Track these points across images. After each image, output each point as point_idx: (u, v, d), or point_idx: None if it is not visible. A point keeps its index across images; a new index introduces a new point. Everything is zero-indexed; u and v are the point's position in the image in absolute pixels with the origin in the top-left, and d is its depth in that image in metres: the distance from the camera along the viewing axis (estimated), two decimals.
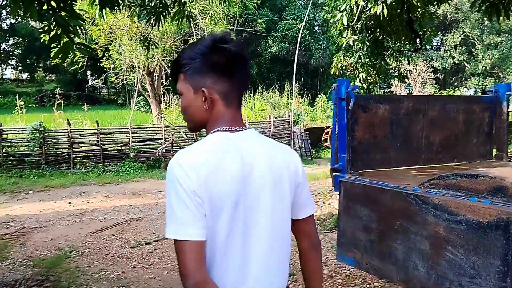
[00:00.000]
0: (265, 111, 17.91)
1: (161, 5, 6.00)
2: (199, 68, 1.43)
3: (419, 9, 7.27)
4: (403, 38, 7.64)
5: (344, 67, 8.85)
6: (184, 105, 1.49)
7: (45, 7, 3.88)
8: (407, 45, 8.27)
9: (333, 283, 4.62)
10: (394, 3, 6.48)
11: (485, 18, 6.44)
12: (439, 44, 34.35)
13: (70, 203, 8.56)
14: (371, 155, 3.86)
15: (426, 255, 2.87)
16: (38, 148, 11.72)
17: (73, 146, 12.20)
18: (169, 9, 6.14)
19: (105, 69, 20.39)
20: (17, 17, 34.45)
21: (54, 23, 3.75)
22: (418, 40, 8.06)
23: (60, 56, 4.08)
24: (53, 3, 3.88)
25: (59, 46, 4.09)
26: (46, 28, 3.92)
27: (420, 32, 7.83)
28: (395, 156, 3.95)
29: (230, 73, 1.44)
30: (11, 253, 5.76)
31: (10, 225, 7.06)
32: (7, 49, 41.15)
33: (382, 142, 3.86)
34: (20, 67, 42.87)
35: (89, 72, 35.61)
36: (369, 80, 8.31)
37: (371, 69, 8.30)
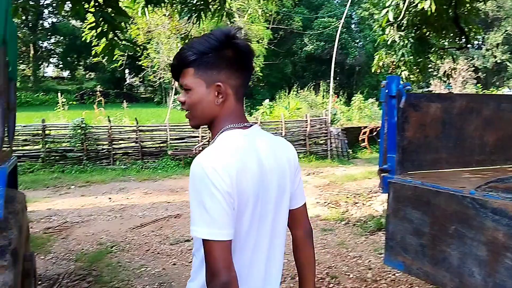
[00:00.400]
0: (300, 110, 17.77)
1: (202, 2, 6.00)
2: (213, 63, 1.42)
3: (467, 5, 7.02)
4: (449, 35, 7.40)
5: (385, 65, 8.64)
6: (193, 100, 1.45)
7: (92, 4, 3.91)
8: (452, 43, 8.02)
9: (377, 287, 4.49)
10: None
11: None
12: (480, 42, 33.35)
13: (110, 198, 8.69)
14: (422, 155, 3.70)
15: (484, 261, 2.72)
16: (80, 144, 11.98)
17: (113, 142, 12.42)
18: (210, 6, 6.13)
19: (143, 67, 20.71)
20: (59, 16, 35.43)
21: (101, 19, 3.78)
22: (463, 38, 7.80)
23: (105, 52, 4.10)
24: (100, 0, 3.92)
25: (105, 43, 4.12)
26: (93, 24, 3.96)
27: (465, 29, 7.58)
28: (446, 157, 3.78)
29: (242, 69, 1.46)
30: (54, 247, 5.87)
31: (52, 219, 7.21)
32: (49, 48, 42.36)
33: (433, 142, 3.70)
34: (61, 65, 44.10)
35: (127, 71, 36.26)
36: (411, 79, 8.09)
37: (414, 67, 8.07)
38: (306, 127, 14.32)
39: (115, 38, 3.91)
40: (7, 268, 2.04)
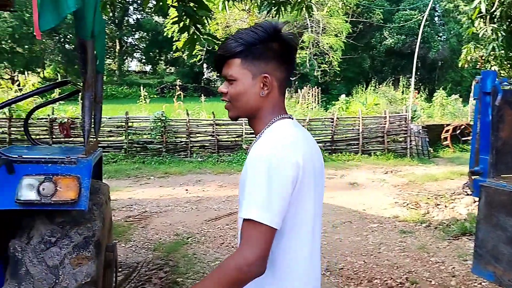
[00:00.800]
0: (378, 106, 17.21)
1: None
2: (261, 54, 1.42)
3: None
4: None
5: (473, 60, 8.09)
6: (238, 91, 1.45)
7: None
8: None
9: None
10: None
11: None
12: None
13: (187, 190, 8.90)
14: None
15: None
16: (160, 137, 12.39)
17: (191, 135, 12.72)
18: None
19: None
20: (143, 12, 36.96)
21: (183, 13, 3.82)
22: None
23: (186, 46, 4.14)
24: None
25: (186, 37, 4.15)
26: (175, 19, 4.01)
27: None
28: None
29: (287, 62, 1.47)
30: (134, 235, 6.08)
31: (133, 208, 7.50)
32: (133, 43, 44.33)
33: None
34: (143, 60, 46.01)
35: (205, 65, 37.08)
36: (502, 75, 7.52)
37: (505, 62, 7.49)
38: (385, 124, 13.83)
39: (196, 32, 3.94)
40: (91, 259, 2.09)
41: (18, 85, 16.19)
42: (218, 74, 1.56)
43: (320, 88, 21.18)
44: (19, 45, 29.95)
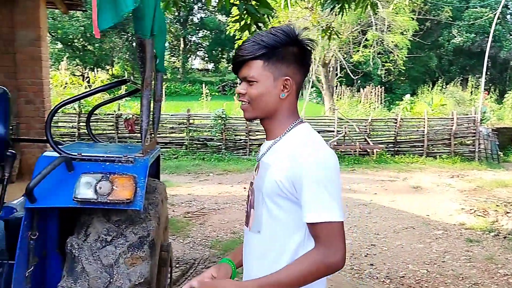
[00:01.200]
0: (444, 107, 16.51)
1: None
2: (283, 57, 1.45)
3: None
4: None
5: None
6: (259, 92, 1.46)
7: None
8: None
9: None
10: None
11: None
12: None
13: (245, 188, 8.90)
14: None
15: None
16: (219, 134, 12.53)
17: (250, 133, 12.76)
18: None
19: None
20: (207, 11, 37.62)
21: (245, 12, 3.78)
22: None
23: None
24: None
25: (247, 36, 4.12)
26: (237, 17, 3.99)
27: None
28: None
29: (304, 66, 1.51)
30: (192, 231, 6.14)
31: (192, 204, 7.59)
32: (197, 41, 45.20)
33: None
34: (206, 58, 46.80)
35: None
36: None
37: None
38: (452, 126, 13.22)
39: (258, 30, 3.89)
40: (145, 260, 2.08)
41: (88, 82, 16.95)
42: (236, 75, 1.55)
43: (383, 87, 20.63)
44: (90, 43, 31.39)
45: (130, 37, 32.51)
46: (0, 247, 2.54)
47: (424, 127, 13.10)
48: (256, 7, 3.75)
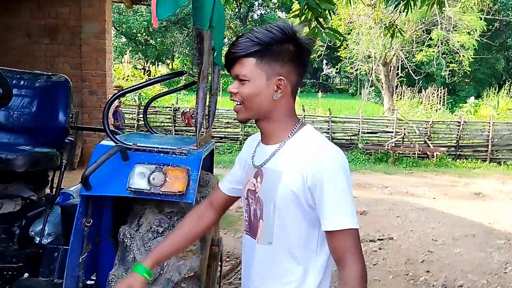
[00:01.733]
0: (511, 111, 15.68)
1: None
2: (277, 55, 1.36)
3: None
4: None
5: None
6: (250, 92, 1.37)
7: None
8: None
9: None
10: None
11: None
12: None
13: None
14: None
15: None
16: None
17: None
18: None
19: (340, 58, 20.67)
20: (267, 7, 37.73)
21: (306, 6, 3.71)
22: None
23: None
24: None
25: (307, 32, 4.06)
26: (297, 12, 3.93)
27: None
28: None
29: (300, 66, 1.42)
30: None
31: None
32: None
33: None
34: None
35: (324, 61, 36.81)
36: None
37: None
38: None
39: (318, 26, 3.81)
40: (195, 253, 2.07)
41: (149, 75, 17.42)
42: (229, 73, 1.45)
43: (446, 88, 19.84)
44: (152, 38, 32.28)
45: (191, 32, 33.14)
46: (56, 232, 2.61)
47: (489, 131, 12.49)
48: (318, 2, 3.66)
